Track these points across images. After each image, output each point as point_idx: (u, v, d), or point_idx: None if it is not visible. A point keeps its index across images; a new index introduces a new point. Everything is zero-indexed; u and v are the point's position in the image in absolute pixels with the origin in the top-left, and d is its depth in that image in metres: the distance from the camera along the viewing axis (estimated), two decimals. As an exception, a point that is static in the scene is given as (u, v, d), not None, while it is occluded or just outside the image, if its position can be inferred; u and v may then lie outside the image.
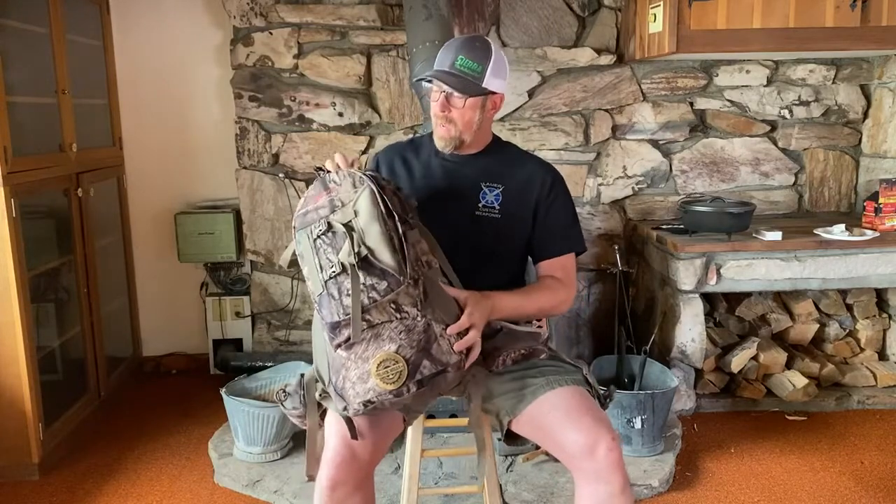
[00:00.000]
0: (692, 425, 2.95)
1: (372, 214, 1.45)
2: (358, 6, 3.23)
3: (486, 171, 1.80)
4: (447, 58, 1.71)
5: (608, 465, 1.52)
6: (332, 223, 1.46)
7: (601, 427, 1.55)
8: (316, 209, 1.49)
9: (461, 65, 1.69)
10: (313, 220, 1.48)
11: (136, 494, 2.51)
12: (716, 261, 2.93)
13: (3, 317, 2.46)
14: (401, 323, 1.43)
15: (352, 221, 1.45)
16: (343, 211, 1.46)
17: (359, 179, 1.49)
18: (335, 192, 1.49)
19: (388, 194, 1.50)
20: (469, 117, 1.73)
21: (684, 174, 3.47)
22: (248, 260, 3.47)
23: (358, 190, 1.48)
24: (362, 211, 1.46)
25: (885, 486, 2.50)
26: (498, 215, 1.76)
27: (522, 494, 2.40)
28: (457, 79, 1.69)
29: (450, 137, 1.74)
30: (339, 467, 1.53)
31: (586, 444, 1.53)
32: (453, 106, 1.71)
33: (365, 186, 1.48)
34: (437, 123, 1.75)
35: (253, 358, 3.35)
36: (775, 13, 2.87)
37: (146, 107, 3.47)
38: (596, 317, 3.46)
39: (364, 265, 1.42)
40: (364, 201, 1.46)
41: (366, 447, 1.55)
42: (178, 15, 3.41)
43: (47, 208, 2.85)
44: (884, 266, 2.94)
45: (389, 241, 1.43)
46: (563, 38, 3.33)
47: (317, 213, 1.48)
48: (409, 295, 1.44)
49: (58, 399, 2.77)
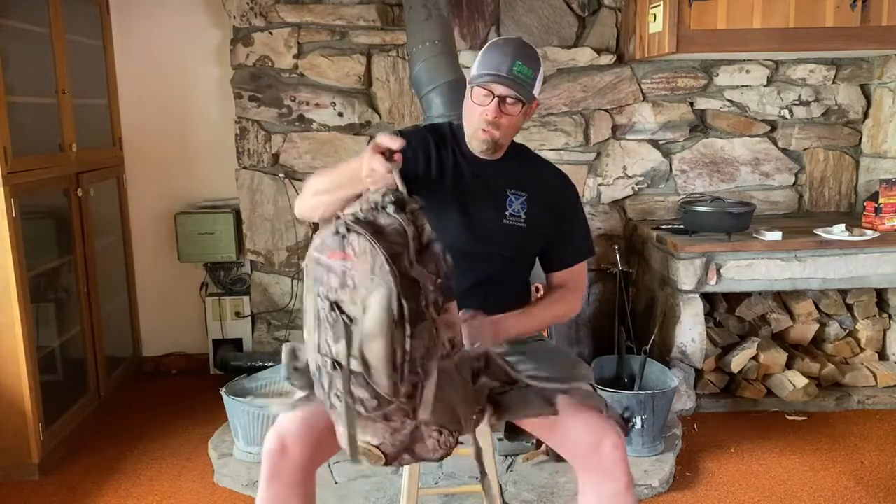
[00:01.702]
0: (692, 425, 2.95)
1: (380, 324, 1.22)
2: (358, 6, 3.23)
3: (510, 177, 1.77)
4: (503, 62, 1.64)
5: (613, 463, 1.52)
6: (337, 305, 1.25)
7: (606, 424, 1.55)
8: (328, 269, 1.27)
9: (519, 71, 1.63)
10: (321, 280, 1.28)
11: (136, 494, 2.51)
12: (716, 261, 2.93)
13: (3, 317, 2.46)
14: (387, 426, 1.31)
15: (357, 318, 1.24)
16: (352, 295, 1.24)
17: (380, 265, 1.23)
18: (351, 262, 1.25)
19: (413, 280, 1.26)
20: (516, 124, 1.71)
21: (684, 174, 3.47)
22: (248, 260, 3.47)
23: (374, 280, 1.23)
24: (371, 312, 1.23)
25: (885, 486, 2.50)
26: (524, 224, 1.75)
27: (522, 494, 2.40)
28: (518, 85, 1.64)
29: (493, 142, 1.70)
30: (271, 460, 1.54)
31: (592, 440, 1.53)
32: (506, 113, 1.66)
33: (383, 282, 1.23)
34: (481, 127, 1.68)
35: (253, 358, 3.36)
36: (775, 13, 2.87)
37: (146, 107, 3.47)
38: (596, 317, 3.46)
39: (357, 375, 1.25)
40: (376, 301, 1.23)
41: (296, 444, 1.54)
42: (178, 15, 3.41)
43: (47, 208, 2.85)
44: (884, 266, 2.94)
45: (390, 361, 1.23)
46: (563, 37, 3.33)
47: (326, 275, 1.27)
48: (400, 409, 1.28)
49: (58, 399, 2.77)
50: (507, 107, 1.66)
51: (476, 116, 1.68)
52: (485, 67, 1.66)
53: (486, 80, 1.65)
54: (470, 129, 1.73)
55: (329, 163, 3.34)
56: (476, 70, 1.69)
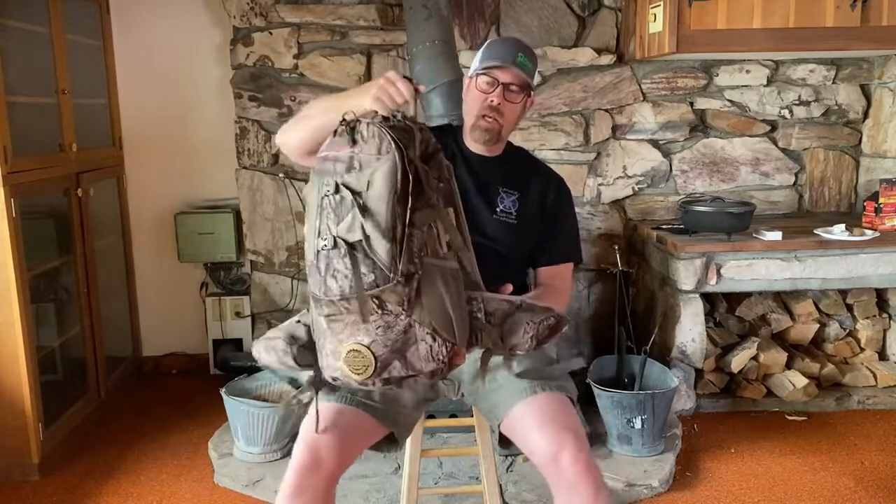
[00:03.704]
0: (692, 425, 2.95)
1: (383, 193, 1.27)
2: (358, 6, 3.23)
3: (503, 175, 1.79)
4: (507, 53, 1.70)
5: (574, 475, 1.51)
6: (343, 185, 1.28)
7: (566, 435, 1.54)
8: (335, 159, 1.31)
9: (522, 61, 1.69)
10: (328, 171, 1.31)
11: (136, 494, 2.51)
12: (716, 261, 2.93)
13: (3, 317, 2.46)
14: (381, 318, 1.29)
15: (362, 193, 1.27)
16: (358, 175, 1.28)
17: (386, 145, 1.29)
18: (360, 148, 1.30)
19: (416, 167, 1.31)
20: (517, 114, 1.75)
21: (684, 174, 3.47)
22: (248, 260, 3.47)
23: (381, 157, 1.28)
24: (376, 185, 1.27)
25: (885, 486, 2.50)
26: (514, 221, 1.77)
27: (522, 494, 2.40)
28: (522, 72, 1.69)
29: (494, 131, 1.73)
30: (303, 474, 1.52)
31: (550, 452, 1.53)
32: (510, 100, 1.71)
33: (389, 156, 1.28)
34: (484, 115, 1.72)
35: (253, 358, 3.33)
36: (775, 13, 2.87)
37: (146, 107, 3.47)
38: (596, 317, 3.46)
39: (357, 248, 1.27)
40: (381, 174, 1.27)
41: (331, 456, 1.53)
42: (178, 15, 3.41)
43: (47, 208, 2.85)
44: (884, 266, 2.94)
45: (390, 231, 1.26)
46: (563, 38, 3.33)
47: (334, 165, 1.31)
48: (395, 293, 1.28)
49: (58, 399, 2.77)
50: (512, 94, 1.71)
51: (479, 104, 1.72)
52: (489, 58, 1.71)
53: (491, 67, 1.70)
54: (471, 119, 1.75)
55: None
56: (479, 63, 1.73)
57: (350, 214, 1.27)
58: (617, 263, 3.23)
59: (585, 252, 3.40)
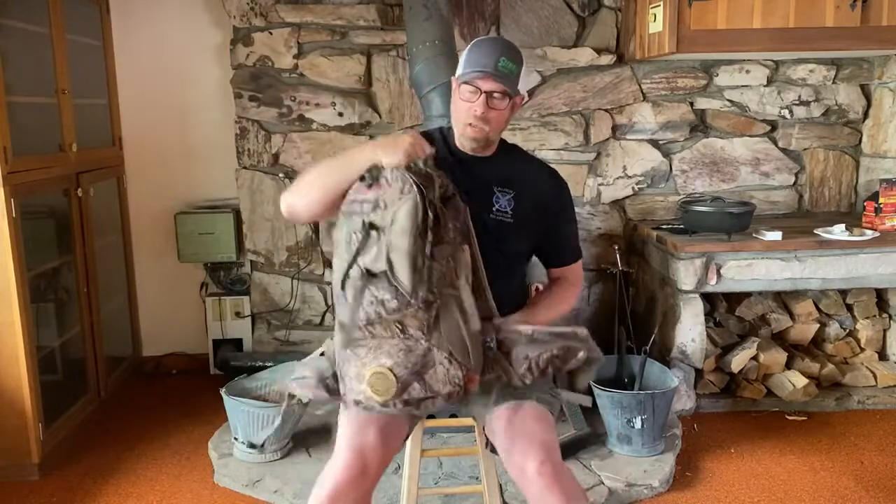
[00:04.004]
0: (692, 425, 2.95)
1: (405, 228, 1.41)
2: (358, 6, 3.23)
3: (497, 175, 1.79)
4: (489, 58, 1.67)
5: (541, 488, 1.52)
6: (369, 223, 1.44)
7: (532, 447, 1.54)
8: (362, 201, 1.48)
9: (504, 66, 1.66)
10: (356, 211, 1.48)
11: (136, 494, 2.51)
12: (716, 261, 2.93)
13: (3, 317, 2.46)
14: (402, 342, 1.43)
15: (386, 228, 1.43)
16: (383, 214, 1.44)
17: (408, 187, 1.45)
18: (384, 190, 1.47)
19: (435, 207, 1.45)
20: (505, 118, 1.74)
21: (684, 174, 3.47)
22: (248, 260, 3.47)
23: (403, 197, 1.44)
24: (399, 221, 1.42)
25: (885, 486, 2.50)
26: (510, 220, 1.76)
27: (522, 494, 2.39)
28: (505, 79, 1.67)
29: (482, 138, 1.73)
30: (349, 482, 1.51)
31: (517, 464, 1.55)
32: (494, 108, 1.69)
33: (410, 196, 1.44)
34: (470, 124, 1.70)
35: (253, 358, 3.36)
36: (775, 13, 2.87)
37: (146, 107, 3.47)
38: (596, 317, 3.46)
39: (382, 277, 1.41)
40: (404, 211, 1.42)
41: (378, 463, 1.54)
42: (178, 15, 3.41)
43: (47, 208, 2.85)
44: (884, 266, 2.94)
45: (412, 260, 1.40)
46: (563, 38, 3.33)
47: (360, 206, 1.47)
48: (416, 318, 1.43)
49: (58, 399, 2.77)
50: (495, 101, 1.69)
51: (464, 113, 1.71)
52: (470, 65, 1.68)
53: (472, 76, 1.67)
54: (459, 127, 1.75)
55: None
56: (462, 68, 1.71)
57: (375, 247, 1.42)
58: (617, 263, 3.23)
59: (585, 252, 3.40)
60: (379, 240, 1.42)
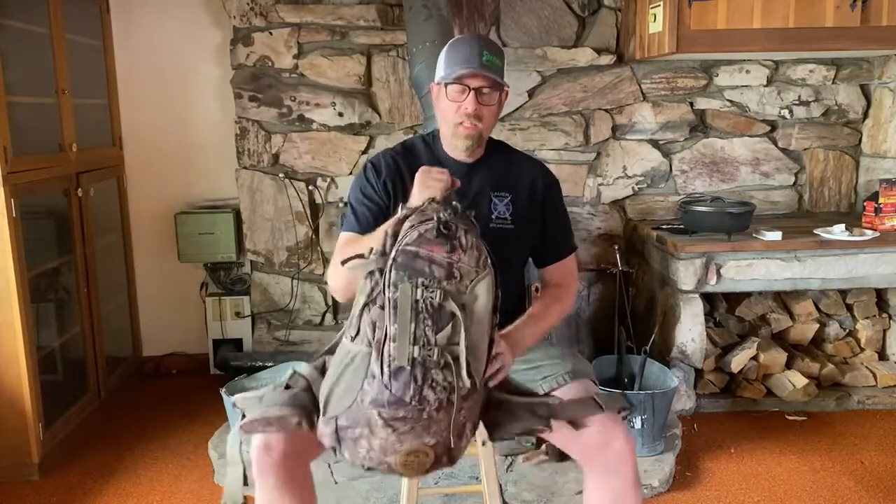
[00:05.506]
0: (692, 425, 2.95)
1: (485, 310, 1.29)
2: (358, 6, 3.23)
3: (491, 178, 1.75)
4: (472, 55, 1.62)
5: (622, 461, 1.54)
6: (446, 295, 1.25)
7: (616, 422, 1.57)
8: (431, 261, 1.26)
9: (488, 60, 1.62)
10: (422, 272, 1.26)
11: (137, 494, 2.51)
12: (716, 261, 2.93)
13: (3, 317, 2.46)
14: (453, 418, 1.28)
15: (467, 306, 1.27)
16: (458, 286, 1.26)
17: (484, 260, 1.29)
18: (458, 256, 1.27)
19: None
20: (496, 113, 1.71)
21: (684, 174, 3.47)
22: (248, 260, 3.47)
23: (480, 271, 1.28)
24: (480, 299, 1.28)
25: (885, 486, 2.50)
26: (511, 226, 1.74)
27: (522, 494, 2.40)
28: (493, 71, 1.63)
29: (476, 136, 1.68)
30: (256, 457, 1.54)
31: (602, 437, 1.54)
32: (484, 103, 1.65)
33: (488, 272, 1.29)
34: (463, 123, 1.66)
35: (253, 358, 3.35)
36: (775, 13, 2.87)
37: (146, 107, 3.47)
38: (596, 317, 3.46)
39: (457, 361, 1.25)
40: (483, 289, 1.28)
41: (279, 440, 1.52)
42: (178, 15, 3.41)
43: (47, 208, 2.84)
44: (884, 266, 2.94)
45: (488, 345, 1.30)
46: (563, 38, 3.33)
47: (430, 268, 1.26)
48: (475, 401, 1.33)
49: (58, 399, 2.77)
50: (485, 97, 1.65)
51: (453, 113, 1.66)
52: (452, 64, 1.64)
53: (459, 73, 1.63)
54: (448, 129, 1.70)
55: (329, 163, 3.34)
56: (443, 69, 1.66)
57: (450, 325, 1.25)
58: (617, 263, 3.23)
59: (586, 252, 3.42)
60: (453, 317, 1.24)
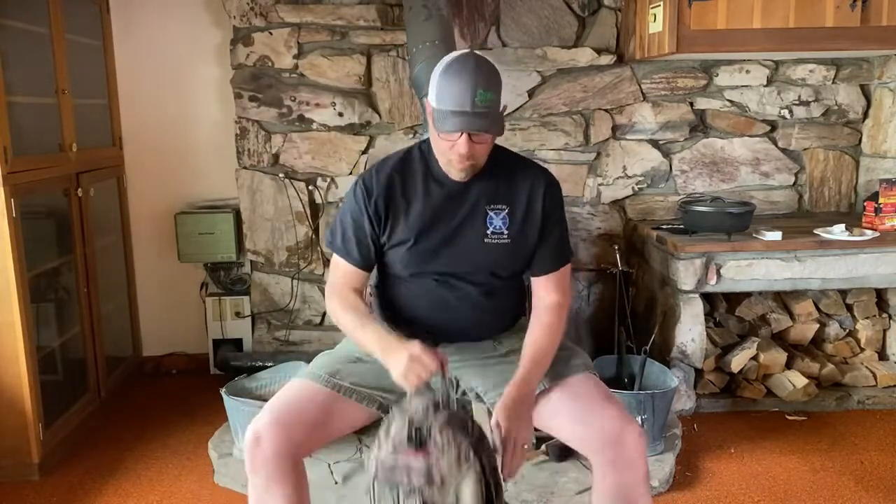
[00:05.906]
0: (692, 425, 2.95)
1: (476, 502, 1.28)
2: (358, 6, 3.23)
3: (487, 191, 1.71)
4: (465, 94, 1.53)
5: (637, 454, 1.54)
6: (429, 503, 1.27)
7: (627, 416, 1.58)
8: (408, 469, 1.28)
9: (481, 99, 1.53)
10: (401, 481, 1.28)
11: (137, 494, 2.51)
12: (716, 261, 2.93)
13: (3, 317, 2.46)
14: None
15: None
16: (441, 491, 1.27)
17: (465, 453, 1.28)
18: (434, 457, 1.27)
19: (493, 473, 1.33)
20: (490, 142, 1.65)
21: (684, 174, 3.47)
22: (248, 260, 3.47)
23: (462, 469, 1.27)
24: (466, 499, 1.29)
25: (885, 486, 2.50)
26: (507, 240, 1.71)
27: (522, 494, 2.40)
28: (485, 118, 1.55)
29: (468, 170, 1.66)
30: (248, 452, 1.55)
31: (614, 431, 1.54)
32: (478, 142, 1.60)
33: (471, 467, 1.28)
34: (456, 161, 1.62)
35: (253, 358, 3.35)
36: (775, 13, 2.87)
37: (146, 107, 3.47)
38: (596, 317, 3.46)
39: None
40: (467, 489, 1.28)
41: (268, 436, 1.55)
42: (178, 15, 3.41)
43: (47, 208, 2.84)
44: (884, 266, 2.93)
45: None
46: (563, 38, 3.33)
47: (408, 477, 1.28)
48: None
49: (58, 399, 2.77)
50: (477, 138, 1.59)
51: (446, 149, 1.62)
52: (445, 101, 1.56)
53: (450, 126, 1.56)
54: (443, 159, 1.68)
55: (329, 163, 3.34)
56: (437, 101, 1.58)
57: None
58: (617, 263, 3.23)
59: (586, 252, 3.41)
60: None
